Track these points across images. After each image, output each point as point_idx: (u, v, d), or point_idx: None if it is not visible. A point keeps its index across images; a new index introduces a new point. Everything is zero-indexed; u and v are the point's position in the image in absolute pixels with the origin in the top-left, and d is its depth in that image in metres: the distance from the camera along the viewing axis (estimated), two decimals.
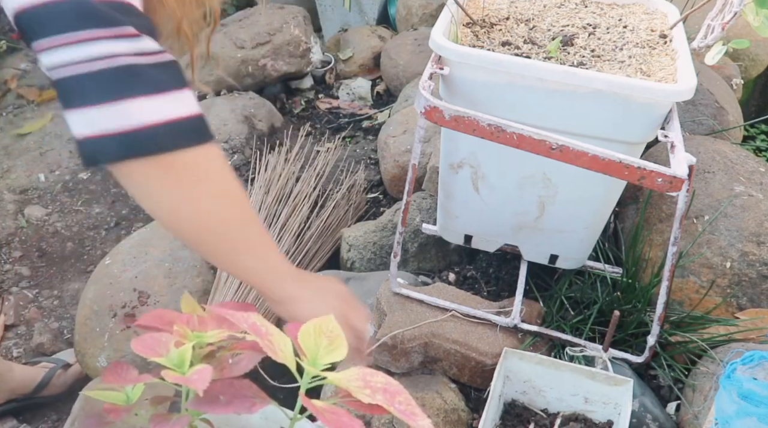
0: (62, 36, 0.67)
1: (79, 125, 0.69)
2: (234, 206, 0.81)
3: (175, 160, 0.73)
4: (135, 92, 0.69)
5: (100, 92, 0.68)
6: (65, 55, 0.67)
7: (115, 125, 0.68)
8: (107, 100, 0.68)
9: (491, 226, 1.40)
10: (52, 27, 0.67)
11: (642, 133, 1.15)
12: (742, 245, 1.35)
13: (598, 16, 1.36)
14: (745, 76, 2.25)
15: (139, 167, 0.72)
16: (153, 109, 0.69)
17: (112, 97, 0.68)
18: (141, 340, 0.75)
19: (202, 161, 0.76)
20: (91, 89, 0.68)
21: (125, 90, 0.68)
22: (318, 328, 0.71)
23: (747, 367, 1.00)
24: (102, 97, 0.68)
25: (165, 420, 0.71)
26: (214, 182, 0.78)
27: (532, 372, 1.20)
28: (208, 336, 0.75)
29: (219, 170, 0.79)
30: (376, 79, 2.60)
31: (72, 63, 0.67)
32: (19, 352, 1.71)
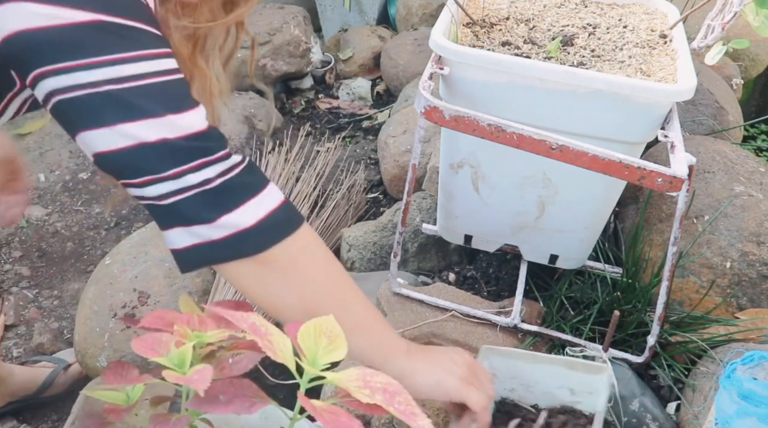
0: (149, 176, 0.73)
1: (182, 238, 0.76)
2: (336, 290, 0.84)
3: (274, 255, 0.78)
4: (232, 205, 0.75)
5: (198, 213, 0.74)
6: (156, 190, 0.73)
7: (216, 234, 0.75)
8: (205, 220, 0.75)
9: (491, 226, 1.40)
10: (149, 167, 0.72)
11: (642, 133, 1.15)
12: (742, 245, 1.35)
13: (598, 16, 1.36)
14: (745, 76, 2.25)
15: (242, 266, 0.78)
16: (248, 213, 0.76)
17: (209, 218, 0.74)
18: (141, 340, 0.75)
19: (298, 250, 0.81)
20: (188, 214, 0.74)
21: (223, 206, 0.75)
22: (318, 328, 0.71)
23: (747, 367, 1.00)
24: (202, 217, 0.74)
25: (165, 421, 0.71)
26: (313, 268, 0.83)
27: (516, 368, 1.19)
28: (208, 336, 0.75)
29: (316, 254, 0.83)
30: (376, 79, 2.60)
31: (162, 195, 0.73)
32: (19, 352, 1.71)
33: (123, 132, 0.70)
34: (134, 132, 0.70)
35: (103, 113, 0.70)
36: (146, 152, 0.71)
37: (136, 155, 0.71)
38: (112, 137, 0.71)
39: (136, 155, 0.71)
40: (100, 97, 0.69)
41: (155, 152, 0.72)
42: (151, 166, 0.72)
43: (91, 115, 0.70)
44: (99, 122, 0.70)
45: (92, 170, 2.35)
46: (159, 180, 0.72)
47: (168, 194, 0.73)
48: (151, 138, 0.71)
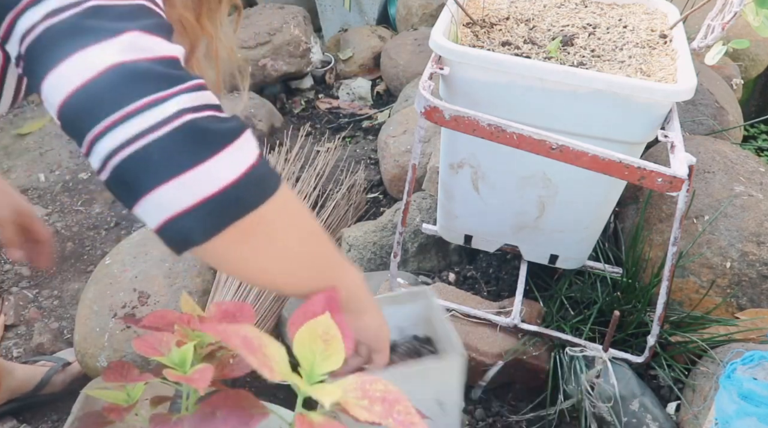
0: (116, 113, 0.57)
1: (161, 208, 0.59)
2: (318, 242, 0.76)
3: (260, 218, 0.64)
4: (208, 153, 0.59)
5: (175, 161, 0.58)
6: (123, 132, 0.57)
7: (198, 195, 0.59)
8: (185, 169, 0.58)
9: (491, 226, 1.40)
10: (102, 107, 0.58)
11: (642, 133, 1.15)
12: (742, 245, 1.35)
13: (598, 16, 1.36)
14: (745, 76, 2.26)
15: (230, 237, 0.63)
16: (227, 166, 0.60)
17: (189, 164, 0.58)
18: (142, 339, 0.75)
19: (283, 210, 0.68)
20: (163, 161, 0.58)
21: (199, 152, 0.59)
22: (312, 332, 0.68)
23: (747, 367, 1.00)
24: (179, 167, 0.58)
25: (165, 421, 0.71)
26: (297, 227, 0.72)
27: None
28: (209, 336, 0.75)
29: (298, 212, 0.72)
30: (376, 79, 2.60)
31: (134, 138, 0.57)
32: (19, 352, 1.71)
33: (82, 61, 0.58)
34: (93, 58, 0.58)
35: (65, 43, 0.59)
36: (106, 81, 0.58)
37: (94, 87, 0.57)
38: (71, 71, 0.58)
39: (95, 88, 0.57)
40: (62, 25, 0.59)
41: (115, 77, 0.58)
42: (113, 98, 0.58)
43: (52, 49, 0.59)
44: (59, 56, 0.58)
45: (92, 170, 2.35)
46: (124, 117, 0.57)
47: (136, 136, 0.57)
48: (111, 61, 0.58)
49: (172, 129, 0.58)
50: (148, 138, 0.57)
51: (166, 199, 0.58)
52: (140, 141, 0.57)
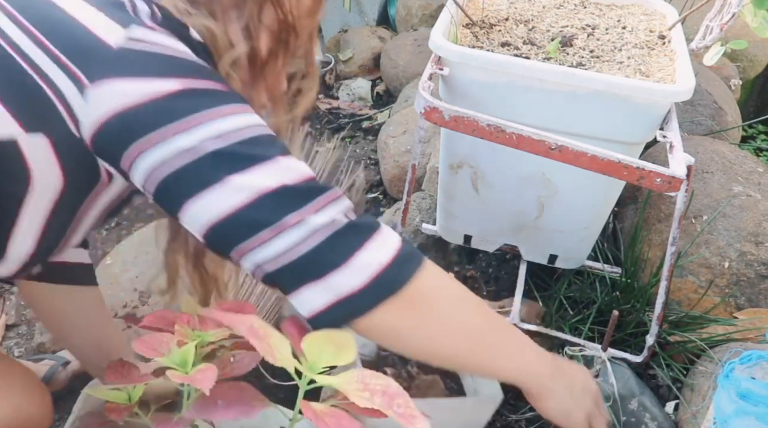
0: (270, 229, 0.67)
1: (318, 297, 0.69)
2: (476, 316, 0.81)
3: (416, 287, 0.73)
4: (362, 243, 0.70)
5: (331, 257, 0.68)
6: (278, 244, 0.67)
7: (355, 280, 0.69)
8: (343, 260, 0.68)
9: (491, 226, 1.41)
10: (257, 226, 0.67)
11: (641, 133, 1.15)
12: (741, 245, 1.35)
13: (597, 16, 1.36)
14: (744, 77, 2.26)
15: (387, 312, 0.71)
16: (381, 248, 0.71)
17: (343, 259, 0.68)
18: (142, 340, 0.76)
19: (434, 280, 0.77)
20: (321, 259, 0.68)
21: (354, 245, 0.69)
22: (328, 337, 0.70)
23: (745, 366, 1.00)
24: (338, 259, 0.68)
25: (166, 420, 0.72)
26: (449, 299, 0.79)
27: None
28: (209, 336, 0.76)
29: (449, 283, 0.80)
30: (376, 80, 2.60)
31: (289, 248, 0.67)
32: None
33: (238, 185, 0.66)
34: (250, 182, 0.66)
35: (212, 171, 0.66)
36: (267, 202, 0.66)
37: (256, 208, 0.66)
38: (227, 194, 0.66)
39: (256, 209, 0.66)
40: (204, 157, 0.66)
41: (276, 198, 0.67)
42: (272, 215, 0.66)
43: (199, 177, 0.66)
44: (209, 181, 0.66)
45: None
46: (283, 230, 0.67)
47: (295, 244, 0.67)
48: (272, 185, 0.66)
49: (327, 235, 0.68)
50: (306, 245, 0.67)
51: (332, 285, 0.68)
52: (297, 248, 0.67)
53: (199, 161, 0.65)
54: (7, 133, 0.65)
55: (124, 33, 0.67)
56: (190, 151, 0.65)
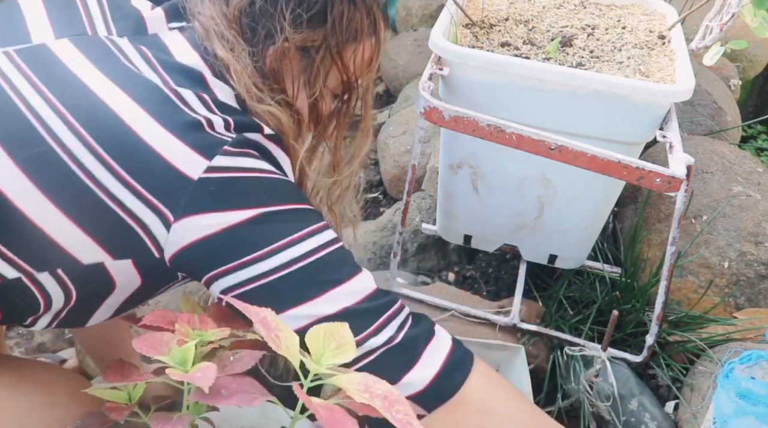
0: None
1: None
2: (533, 417, 0.82)
3: (466, 394, 0.76)
4: (414, 360, 0.75)
5: (388, 372, 0.72)
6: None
7: (406, 393, 0.73)
8: (401, 375, 0.74)
9: (491, 226, 1.41)
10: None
11: (641, 133, 1.15)
12: (740, 245, 1.35)
13: (596, 17, 1.36)
14: (744, 77, 2.26)
15: (443, 417, 0.75)
16: (431, 362, 0.75)
17: (396, 378, 0.73)
18: (143, 339, 0.76)
19: (485, 383, 0.79)
20: (379, 372, 0.70)
21: (407, 363, 0.74)
22: (328, 332, 0.71)
23: (745, 366, 1.00)
24: (391, 377, 0.72)
25: (166, 419, 0.72)
26: (505, 400, 0.81)
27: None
28: (209, 335, 0.76)
29: (501, 385, 0.82)
30: (376, 80, 2.60)
31: (358, 358, 0.72)
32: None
33: (299, 314, 0.71)
34: (310, 312, 0.71)
35: (274, 301, 0.70)
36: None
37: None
38: (293, 318, 0.71)
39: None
40: (268, 286, 0.71)
41: (348, 316, 0.72)
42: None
43: (269, 304, 0.70)
44: (278, 309, 0.71)
45: None
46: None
47: (352, 362, 0.72)
48: (332, 310, 0.72)
49: (381, 353, 0.73)
50: (361, 366, 0.73)
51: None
52: (362, 362, 0.73)
53: (263, 289, 0.71)
54: (96, 259, 0.71)
55: (205, 164, 0.69)
56: (258, 278, 0.71)
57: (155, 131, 0.69)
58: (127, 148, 0.68)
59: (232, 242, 0.70)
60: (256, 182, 0.72)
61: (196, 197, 0.68)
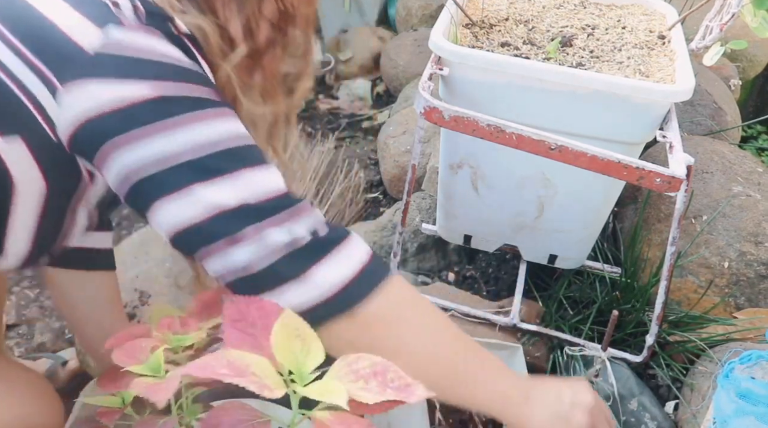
0: (228, 240, 0.68)
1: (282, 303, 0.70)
2: (443, 342, 0.78)
3: (372, 309, 0.72)
4: (312, 264, 0.70)
5: (286, 274, 0.69)
6: (236, 257, 0.68)
7: (303, 300, 0.70)
8: (297, 275, 0.69)
9: (491, 226, 1.41)
10: (214, 237, 0.68)
11: (641, 133, 1.15)
12: (740, 245, 1.35)
13: (596, 17, 1.36)
14: (743, 77, 2.26)
15: (339, 327, 0.71)
16: (340, 268, 0.71)
17: (300, 271, 0.69)
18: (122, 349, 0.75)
19: (391, 303, 0.75)
20: (275, 277, 0.69)
21: (305, 266, 0.70)
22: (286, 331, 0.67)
23: (745, 366, 1.00)
24: (293, 274, 0.69)
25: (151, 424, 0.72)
26: (416, 321, 0.77)
27: None
28: (187, 339, 0.75)
29: (417, 304, 0.78)
30: (376, 80, 2.60)
31: (245, 263, 0.68)
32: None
33: (200, 199, 0.67)
34: (212, 197, 0.67)
35: (178, 181, 0.67)
36: (224, 218, 0.67)
37: (213, 223, 0.67)
38: (188, 206, 0.67)
39: (214, 223, 0.67)
40: (173, 166, 0.67)
41: (235, 214, 0.68)
42: (229, 229, 0.68)
43: (165, 186, 0.67)
44: (173, 191, 0.67)
45: None
46: (238, 244, 0.68)
47: (250, 260, 0.68)
48: (231, 201, 0.68)
49: (284, 254, 0.68)
50: (261, 262, 0.68)
51: (286, 301, 0.69)
52: (253, 264, 0.68)
53: (168, 169, 0.67)
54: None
55: (100, 34, 0.66)
56: (160, 158, 0.66)
57: (53, 3, 0.68)
58: (19, 15, 0.67)
59: (127, 118, 0.66)
60: (158, 62, 0.67)
61: (87, 65, 0.65)
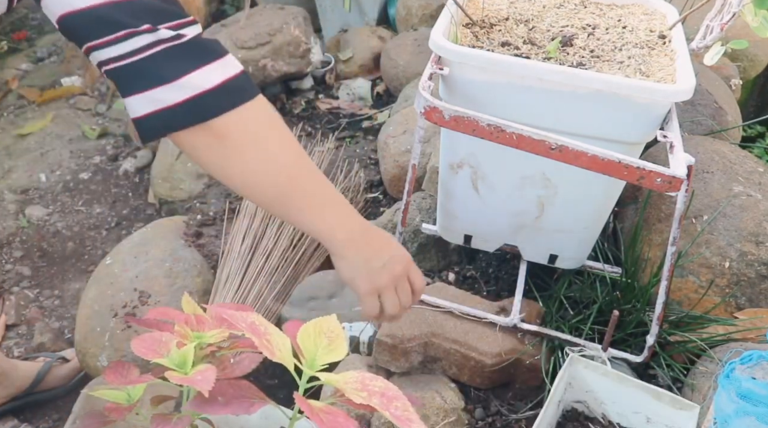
0: (114, 34, 0.72)
1: (141, 106, 0.75)
2: (293, 164, 0.85)
3: (231, 123, 0.78)
4: (195, 65, 0.75)
5: (161, 73, 0.74)
6: (119, 48, 0.72)
7: (175, 97, 0.74)
8: (169, 78, 0.74)
9: (491, 226, 1.41)
10: (103, 28, 0.72)
11: (641, 133, 1.15)
12: (741, 245, 1.35)
13: (597, 16, 1.36)
14: (744, 77, 2.26)
15: (199, 136, 0.77)
16: (210, 75, 0.76)
17: (173, 76, 0.74)
18: (141, 340, 0.75)
19: (256, 120, 0.81)
20: (151, 72, 0.74)
21: (187, 64, 0.75)
22: (318, 328, 0.71)
23: (746, 366, 1.00)
24: (164, 77, 0.74)
25: (166, 420, 0.72)
26: (270, 140, 0.83)
27: (596, 382, 1.17)
28: (208, 336, 0.76)
29: (273, 126, 0.84)
30: (376, 80, 2.60)
31: (128, 54, 0.73)
32: (20, 352, 1.71)
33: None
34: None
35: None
36: (125, 7, 0.72)
37: (114, 8, 0.71)
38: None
39: (114, 9, 0.71)
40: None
41: (134, 6, 0.72)
42: (127, 19, 0.72)
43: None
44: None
45: (93, 170, 2.36)
46: (131, 34, 0.72)
47: (137, 50, 0.73)
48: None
49: (162, 48, 0.73)
50: (146, 53, 0.73)
51: (155, 98, 0.74)
52: (138, 55, 0.73)
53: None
54: None
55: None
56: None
57: None
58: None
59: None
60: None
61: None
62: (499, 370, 1.30)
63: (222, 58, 0.78)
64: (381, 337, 1.29)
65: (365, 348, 1.40)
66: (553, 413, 1.17)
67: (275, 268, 1.62)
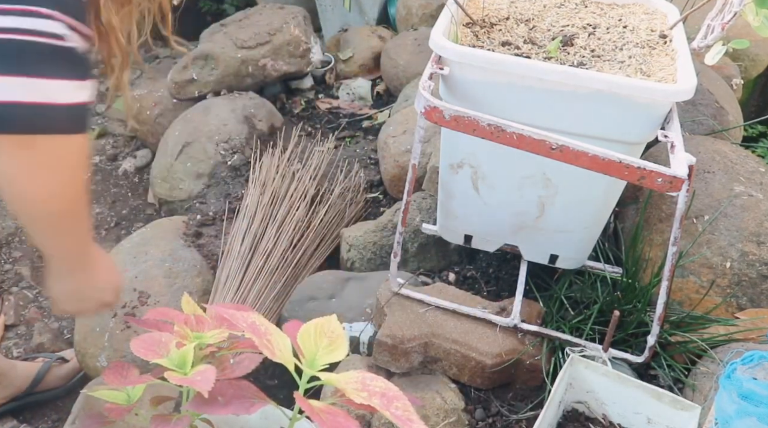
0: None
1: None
2: (74, 199, 0.85)
3: (43, 143, 0.76)
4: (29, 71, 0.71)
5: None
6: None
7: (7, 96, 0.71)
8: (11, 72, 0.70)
9: (491, 226, 1.40)
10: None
11: (642, 133, 1.15)
12: (742, 245, 1.35)
13: (598, 16, 1.36)
14: (745, 77, 2.26)
15: (9, 141, 0.74)
16: (35, 90, 0.72)
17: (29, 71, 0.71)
18: (140, 341, 0.75)
19: (69, 152, 0.80)
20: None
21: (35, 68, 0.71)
22: (319, 328, 0.71)
23: (747, 367, 1.00)
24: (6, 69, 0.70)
25: (166, 421, 0.72)
26: (69, 171, 0.82)
27: (596, 382, 1.18)
28: (208, 337, 0.75)
29: (78, 161, 0.83)
30: (376, 79, 2.60)
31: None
32: (19, 352, 1.71)
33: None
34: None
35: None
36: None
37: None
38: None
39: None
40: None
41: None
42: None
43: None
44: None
45: (92, 170, 2.35)
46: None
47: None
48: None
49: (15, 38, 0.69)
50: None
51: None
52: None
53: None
54: None
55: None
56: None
57: None
58: None
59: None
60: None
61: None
62: (499, 370, 1.30)
63: (73, 79, 0.75)
64: (381, 337, 1.28)
65: (365, 348, 1.40)
66: (553, 413, 1.16)
67: (275, 268, 1.61)
